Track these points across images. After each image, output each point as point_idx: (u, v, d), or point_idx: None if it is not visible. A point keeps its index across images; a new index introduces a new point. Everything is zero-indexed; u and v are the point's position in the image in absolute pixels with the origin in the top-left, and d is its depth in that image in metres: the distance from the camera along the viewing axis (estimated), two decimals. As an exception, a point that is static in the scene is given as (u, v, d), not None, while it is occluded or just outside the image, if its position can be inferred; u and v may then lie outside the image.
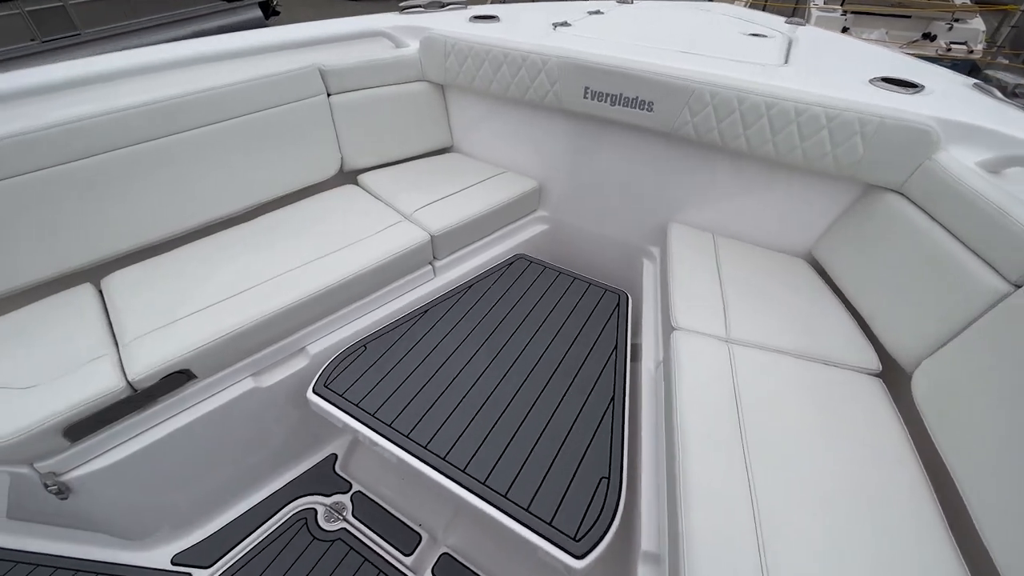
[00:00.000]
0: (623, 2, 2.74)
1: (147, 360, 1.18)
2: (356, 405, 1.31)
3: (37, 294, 1.38)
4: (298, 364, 1.49)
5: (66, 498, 1.17)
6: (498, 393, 1.37)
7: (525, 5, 2.60)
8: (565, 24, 2.09)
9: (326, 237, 1.62)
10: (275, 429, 1.51)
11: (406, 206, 1.81)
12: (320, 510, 1.56)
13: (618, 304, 1.71)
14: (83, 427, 1.11)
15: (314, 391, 1.34)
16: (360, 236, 1.64)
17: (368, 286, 1.58)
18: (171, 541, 1.45)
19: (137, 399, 1.18)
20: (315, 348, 1.51)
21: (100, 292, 1.43)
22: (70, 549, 1.39)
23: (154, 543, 1.43)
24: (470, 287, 1.75)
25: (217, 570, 1.38)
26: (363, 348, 1.48)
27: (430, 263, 1.78)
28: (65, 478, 1.14)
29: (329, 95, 1.86)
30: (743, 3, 8.13)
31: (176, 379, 1.23)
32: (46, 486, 1.12)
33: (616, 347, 1.54)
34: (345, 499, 1.59)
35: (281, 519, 1.52)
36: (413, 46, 2.04)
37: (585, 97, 1.69)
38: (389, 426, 1.27)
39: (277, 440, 1.54)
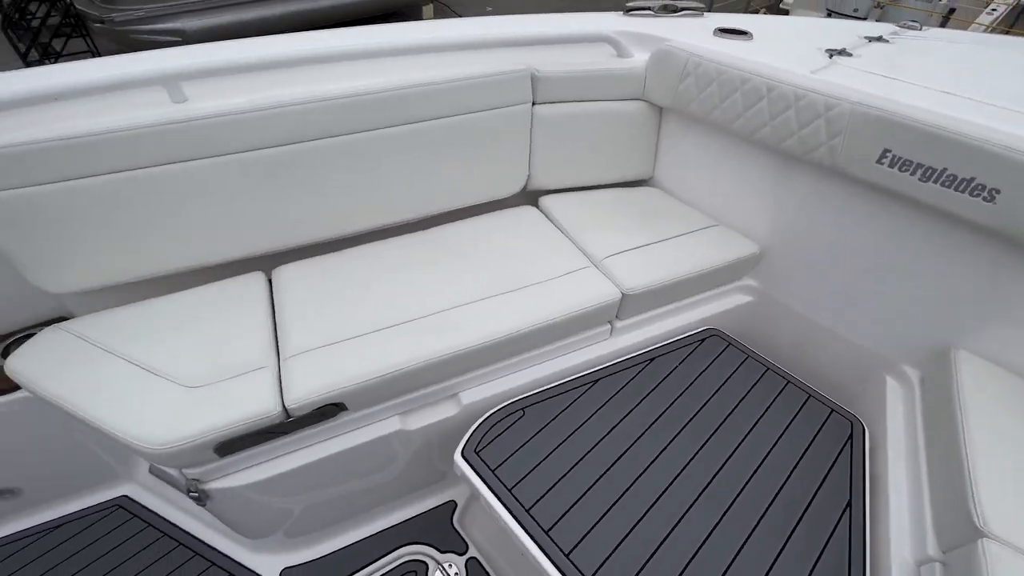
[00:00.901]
0: (907, 27, 2.13)
1: (305, 387, 1.09)
2: (500, 481, 1.11)
3: (213, 274, 1.37)
4: (447, 411, 1.33)
5: (204, 504, 1.14)
6: (674, 502, 1.09)
7: (777, 18, 2.14)
8: (844, 53, 1.62)
9: (502, 269, 1.42)
10: (404, 465, 1.39)
11: (595, 248, 1.54)
12: (430, 565, 1.41)
13: (851, 437, 1.28)
14: (233, 445, 1.06)
15: (463, 455, 1.16)
16: (540, 277, 1.41)
17: (539, 340, 1.36)
18: (283, 552, 1.41)
19: (288, 425, 1.10)
20: (468, 398, 1.33)
21: (270, 282, 1.38)
22: (195, 527, 1.42)
23: (269, 550, 1.41)
24: (651, 360, 1.44)
25: None
26: (521, 413, 1.26)
27: (610, 322, 1.50)
28: (207, 487, 1.11)
29: (534, 104, 1.63)
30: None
31: (329, 409, 1.13)
32: (188, 491, 1.09)
33: (851, 505, 1.13)
34: (460, 562, 1.42)
35: (391, 563, 1.41)
36: (639, 58, 1.72)
37: (880, 162, 1.24)
38: (528, 513, 1.05)
39: (401, 474, 1.42)
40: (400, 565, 1.40)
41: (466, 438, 1.19)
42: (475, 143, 1.55)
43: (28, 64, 4.79)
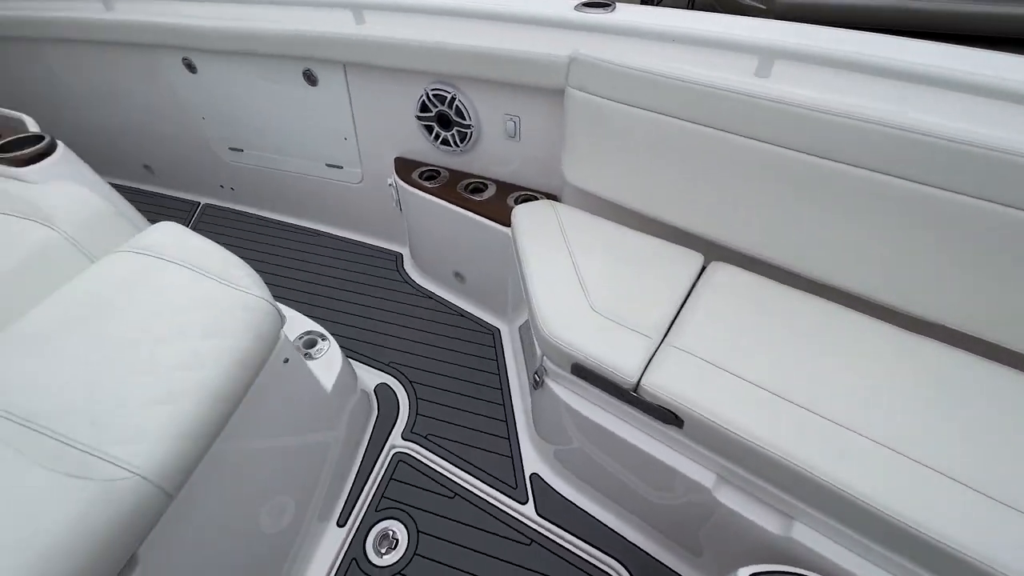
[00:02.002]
0: None
1: (665, 380, 1.05)
2: None
3: (664, 232, 1.39)
4: (767, 521, 1.04)
5: (534, 387, 1.39)
6: None
7: None
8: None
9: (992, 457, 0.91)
10: (679, 509, 1.25)
11: None
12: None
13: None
14: (585, 373, 1.15)
15: None
16: None
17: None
18: (544, 463, 1.52)
19: (630, 396, 1.11)
20: (801, 534, 0.99)
21: (703, 269, 1.31)
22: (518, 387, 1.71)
23: (539, 451, 1.54)
24: None
25: None
26: None
27: None
28: (545, 380, 1.30)
29: None
30: None
31: (667, 415, 1.06)
32: (535, 372, 1.33)
33: None
34: None
35: (599, 562, 1.38)
36: None
37: None
38: None
39: (672, 513, 1.30)
40: (601, 570, 1.34)
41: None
42: None
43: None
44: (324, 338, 1.48)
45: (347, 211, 2.25)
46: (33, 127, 1.40)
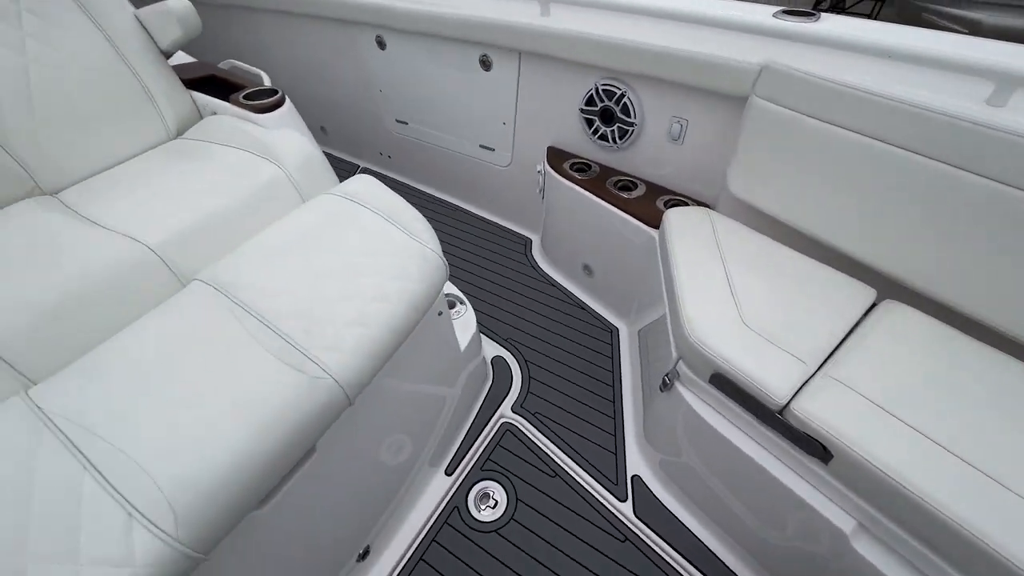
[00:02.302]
0: None
1: (820, 408, 0.98)
2: None
3: (832, 259, 1.31)
4: None
5: (661, 389, 1.34)
6: None
7: None
8: None
9: None
10: (800, 554, 1.17)
11: None
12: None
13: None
14: (723, 384, 1.11)
15: None
16: None
17: None
18: (647, 466, 1.51)
19: (772, 419, 1.05)
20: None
21: (874, 305, 1.21)
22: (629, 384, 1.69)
23: (644, 454, 1.52)
24: None
25: None
26: None
27: None
28: (674, 382, 1.28)
29: None
30: None
31: (815, 446, 0.98)
32: (666, 373, 1.31)
33: None
34: None
35: None
36: None
37: None
38: None
39: (791, 552, 1.22)
40: None
41: None
42: None
43: (816, 8, 5.15)
44: (463, 302, 1.59)
45: (489, 191, 2.38)
46: (267, 82, 1.67)
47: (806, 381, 1.04)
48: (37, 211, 1.11)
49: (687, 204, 1.65)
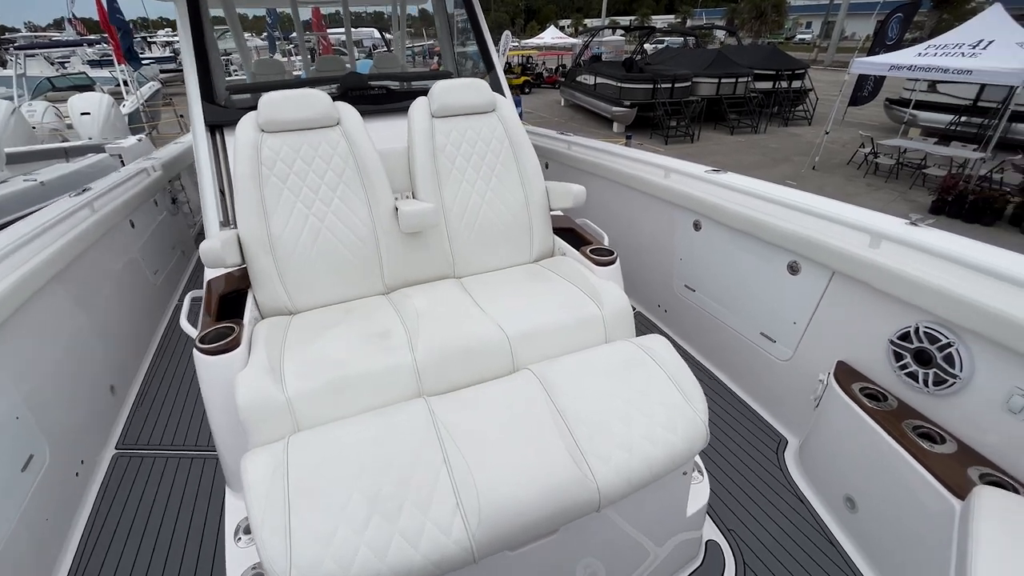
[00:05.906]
0: None
1: None
2: None
3: None
4: None
5: None
6: None
7: None
8: None
9: None
10: None
11: None
12: None
13: None
14: None
15: None
16: None
17: None
18: None
19: None
20: None
21: None
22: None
23: None
24: None
25: None
26: None
27: None
28: None
29: None
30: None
31: None
32: None
33: None
34: None
35: None
36: None
37: None
38: None
39: None
40: None
41: None
42: None
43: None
44: (702, 474, 1.65)
45: (756, 377, 2.39)
46: (607, 242, 2.20)
47: None
48: (453, 287, 1.78)
49: (1016, 491, 1.36)
